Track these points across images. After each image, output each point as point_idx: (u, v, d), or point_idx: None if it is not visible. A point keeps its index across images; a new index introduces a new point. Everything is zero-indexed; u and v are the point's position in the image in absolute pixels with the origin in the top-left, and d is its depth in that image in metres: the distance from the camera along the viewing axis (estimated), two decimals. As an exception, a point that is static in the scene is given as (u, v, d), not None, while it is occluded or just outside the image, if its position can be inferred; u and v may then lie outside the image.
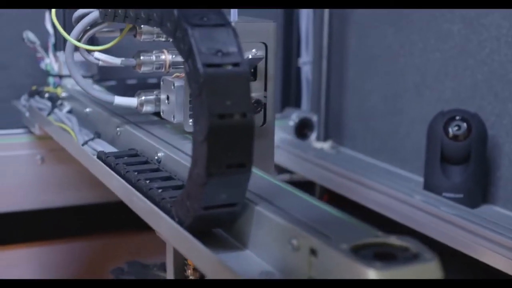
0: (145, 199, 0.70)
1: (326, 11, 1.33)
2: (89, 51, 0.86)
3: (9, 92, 1.33)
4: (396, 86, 1.26)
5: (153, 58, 0.85)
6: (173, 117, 0.83)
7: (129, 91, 0.92)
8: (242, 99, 0.57)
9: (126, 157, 0.82)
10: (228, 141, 0.57)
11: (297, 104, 1.51)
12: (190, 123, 0.81)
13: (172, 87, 0.83)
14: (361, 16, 1.32)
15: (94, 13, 0.83)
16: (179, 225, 0.62)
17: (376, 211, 1.12)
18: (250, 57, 0.82)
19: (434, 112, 1.08)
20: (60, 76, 1.21)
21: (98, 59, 0.86)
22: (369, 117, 1.33)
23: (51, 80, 1.22)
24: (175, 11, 0.60)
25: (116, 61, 0.87)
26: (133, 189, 0.73)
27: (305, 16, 1.46)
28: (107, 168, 0.80)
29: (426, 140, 1.08)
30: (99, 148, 0.90)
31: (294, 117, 1.40)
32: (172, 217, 0.64)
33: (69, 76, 1.08)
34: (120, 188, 0.76)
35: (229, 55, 0.58)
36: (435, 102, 1.16)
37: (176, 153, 0.78)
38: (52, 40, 1.20)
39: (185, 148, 0.79)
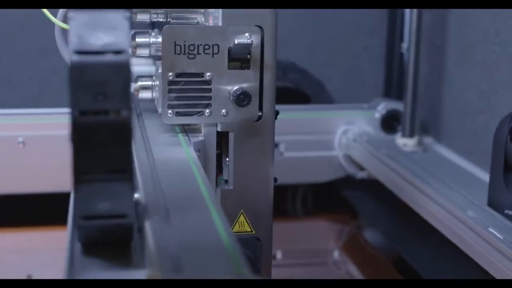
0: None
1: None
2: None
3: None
4: (490, 79, 1.09)
5: (150, 40, 0.77)
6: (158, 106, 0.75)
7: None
8: (117, 94, 0.48)
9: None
10: (98, 142, 0.48)
11: (400, 95, 1.37)
12: (170, 115, 0.73)
13: (159, 71, 0.75)
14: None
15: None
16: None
17: (431, 224, 0.98)
18: (236, 42, 0.72)
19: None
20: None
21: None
22: (463, 113, 1.17)
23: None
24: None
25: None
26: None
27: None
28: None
29: (492, 147, 0.92)
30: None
31: (380, 108, 1.27)
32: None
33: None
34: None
35: (109, 40, 0.49)
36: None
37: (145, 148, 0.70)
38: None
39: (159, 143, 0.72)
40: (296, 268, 1.25)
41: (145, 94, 0.79)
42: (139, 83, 0.79)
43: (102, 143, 0.48)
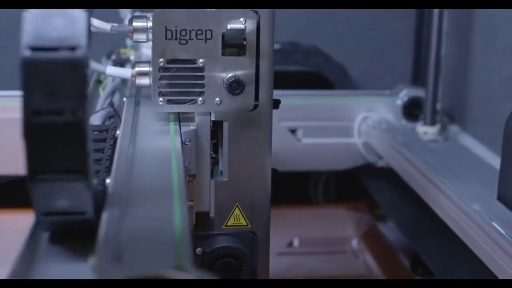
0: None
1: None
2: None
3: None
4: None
5: (148, 24, 0.74)
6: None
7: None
8: (71, 93, 0.45)
9: (96, 132, 0.72)
10: (51, 143, 0.45)
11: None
12: (161, 102, 0.70)
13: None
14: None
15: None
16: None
17: (439, 217, 0.94)
18: (229, 27, 0.68)
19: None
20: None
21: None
22: (488, 100, 1.12)
23: (128, 42, 1.16)
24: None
25: (106, 26, 0.77)
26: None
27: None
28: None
29: (503, 139, 0.87)
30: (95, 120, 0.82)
31: (402, 95, 1.22)
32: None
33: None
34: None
35: (65, 36, 0.45)
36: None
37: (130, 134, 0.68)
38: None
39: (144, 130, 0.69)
40: (313, 256, 1.22)
41: (142, 81, 0.76)
42: (137, 69, 0.76)
43: (56, 143, 0.45)
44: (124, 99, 0.83)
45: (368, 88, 1.36)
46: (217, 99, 0.70)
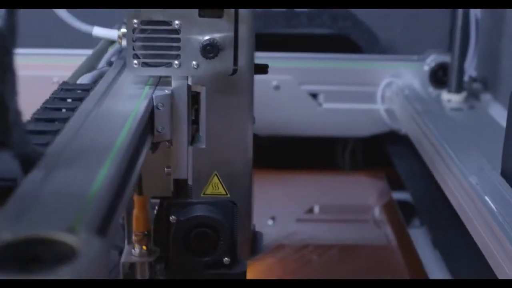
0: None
1: None
2: None
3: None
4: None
5: None
6: (130, 55, 0.70)
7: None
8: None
9: (79, 90, 0.70)
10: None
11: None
12: (135, 65, 0.67)
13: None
14: None
15: None
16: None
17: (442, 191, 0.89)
18: (204, -12, 0.65)
19: None
20: None
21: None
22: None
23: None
24: None
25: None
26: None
27: None
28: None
29: (507, 112, 0.82)
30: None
31: (429, 61, 1.17)
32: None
33: None
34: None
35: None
36: None
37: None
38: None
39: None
40: (333, 224, 1.18)
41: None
42: (122, 30, 0.74)
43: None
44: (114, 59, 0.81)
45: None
46: (194, 62, 0.67)
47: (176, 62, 0.67)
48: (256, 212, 1.13)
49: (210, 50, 0.66)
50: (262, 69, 0.73)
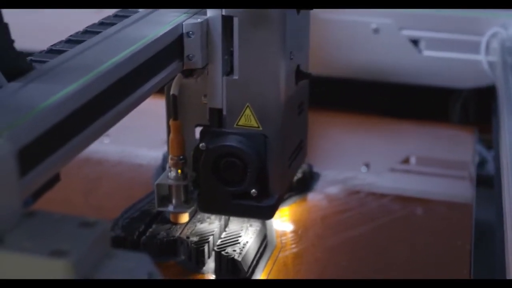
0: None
1: None
2: None
3: None
4: None
5: None
6: None
7: None
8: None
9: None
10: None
11: None
12: None
13: None
14: None
15: None
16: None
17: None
18: None
19: None
20: None
21: None
22: None
23: None
24: None
25: None
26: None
27: None
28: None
29: None
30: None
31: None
32: None
33: None
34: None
35: None
36: None
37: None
38: None
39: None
40: (427, 177, 1.15)
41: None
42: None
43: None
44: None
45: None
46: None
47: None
48: (350, 157, 1.14)
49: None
50: (306, 76, 0.74)
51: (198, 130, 0.76)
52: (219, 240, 0.75)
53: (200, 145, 0.72)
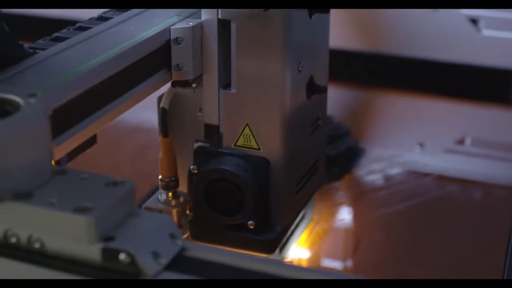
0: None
1: None
2: None
3: None
4: None
5: None
6: None
7: None
8: None
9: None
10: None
11: None
12: None
13: None
14: None
15: None
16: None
17: None
18: None
19: None
20: None
21: None
22: None
23: None
24: None
25: None
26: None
27: None
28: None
29: None
30: None
31: None
32: None
33: None
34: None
35: None
36: None
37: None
38: None
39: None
40: (483, 160, 1.05)
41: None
42: None
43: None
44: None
45: None
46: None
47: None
48: (404, 136, 1.08)
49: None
50: (320, 90, 0.63)
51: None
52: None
53: (191, 167, 0.62)
